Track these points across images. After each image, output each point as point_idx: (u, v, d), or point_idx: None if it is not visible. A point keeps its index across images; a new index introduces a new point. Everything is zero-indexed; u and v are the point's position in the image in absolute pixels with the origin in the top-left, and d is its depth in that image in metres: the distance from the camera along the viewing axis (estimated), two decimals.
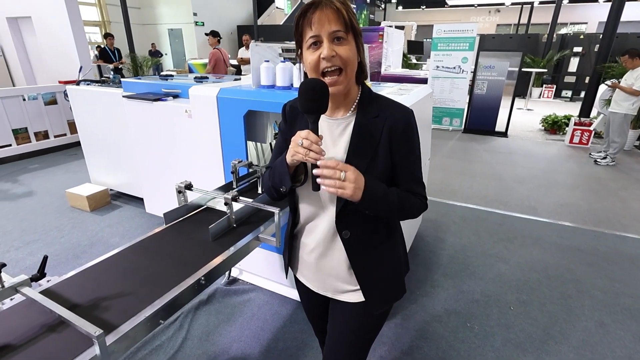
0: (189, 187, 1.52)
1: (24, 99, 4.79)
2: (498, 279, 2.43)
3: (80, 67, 5.06)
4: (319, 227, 0.97)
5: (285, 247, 1.10)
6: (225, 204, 1.41)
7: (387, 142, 0.87)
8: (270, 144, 2.27)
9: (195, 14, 11.76)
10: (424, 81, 6.69)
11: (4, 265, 0.85)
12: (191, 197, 1.56)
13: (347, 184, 0.77)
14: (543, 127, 6.92)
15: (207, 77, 2.92)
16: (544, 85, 11.44)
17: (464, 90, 6.57)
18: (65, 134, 5.28)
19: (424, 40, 10.42)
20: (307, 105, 0.79)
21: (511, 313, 2.12)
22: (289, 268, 1.13)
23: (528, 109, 9.30)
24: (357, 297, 1.00)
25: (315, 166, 0.79)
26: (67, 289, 1.04)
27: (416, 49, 9.78)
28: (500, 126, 6.49)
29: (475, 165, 4.88)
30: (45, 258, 0.93)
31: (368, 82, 1.81)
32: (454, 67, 6.46)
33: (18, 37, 6.82)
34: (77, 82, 3.56)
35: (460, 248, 2.80)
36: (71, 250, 2.69)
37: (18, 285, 0.87)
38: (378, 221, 0.95)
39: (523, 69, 9.71)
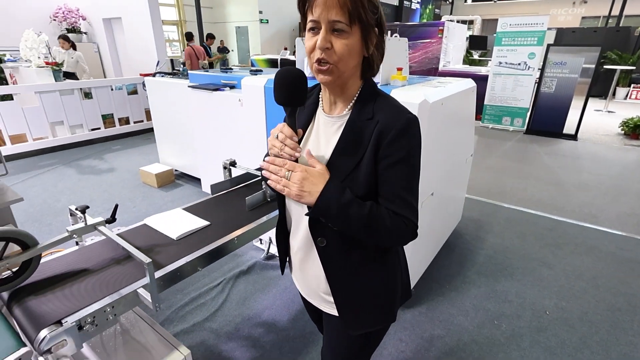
0: (233, 164, 1.73)
1: (112, 89, 5.54)
2: (538, 282, 2.33)
3: (158, 62, 5.71)
4: (300, 230, 0.89)
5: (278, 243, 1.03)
6: (262, 180, 1.59)
7: (374, 148, 0.75)
8: None
9: (260, 12, 12.38)
10: (483, 79, 6.37)
11: (87, 207, 1.11)
12: (235, 174, 1.78)
13: (290, 184, 0.72)
14: (623, 131, 6.19)
15: (261, 70, 3.16)
16: (632, 85, 10.11)
17: (528, 88, 6.13)
18: (142, 121, 5.99)
19: (491, 35, 9.80)
20: (281, 98, 0.75)
21: (546, 317, 2.04)
22: (290, 267, 1.08)
23: (608, 111, 8.34)
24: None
25: (296, 161, 0.75)
26: (132, 236, 1.30)
27: (479, 44, 9.27)
28: (569, 128, 5.95)
29: (532, 167, 4.57)
30: (116, 206, 1.18)
31: (403, 75, 1.87)
32: (519, 64, 6.04)
33: (110, 36, 7.85)
34: (154, 74, 4.05)
35: (501, 249, 2.71)
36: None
37: (96, 224, 1.13)
38: None
39: (605, 66, 8.73)
